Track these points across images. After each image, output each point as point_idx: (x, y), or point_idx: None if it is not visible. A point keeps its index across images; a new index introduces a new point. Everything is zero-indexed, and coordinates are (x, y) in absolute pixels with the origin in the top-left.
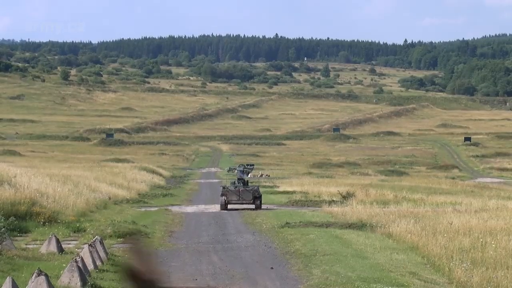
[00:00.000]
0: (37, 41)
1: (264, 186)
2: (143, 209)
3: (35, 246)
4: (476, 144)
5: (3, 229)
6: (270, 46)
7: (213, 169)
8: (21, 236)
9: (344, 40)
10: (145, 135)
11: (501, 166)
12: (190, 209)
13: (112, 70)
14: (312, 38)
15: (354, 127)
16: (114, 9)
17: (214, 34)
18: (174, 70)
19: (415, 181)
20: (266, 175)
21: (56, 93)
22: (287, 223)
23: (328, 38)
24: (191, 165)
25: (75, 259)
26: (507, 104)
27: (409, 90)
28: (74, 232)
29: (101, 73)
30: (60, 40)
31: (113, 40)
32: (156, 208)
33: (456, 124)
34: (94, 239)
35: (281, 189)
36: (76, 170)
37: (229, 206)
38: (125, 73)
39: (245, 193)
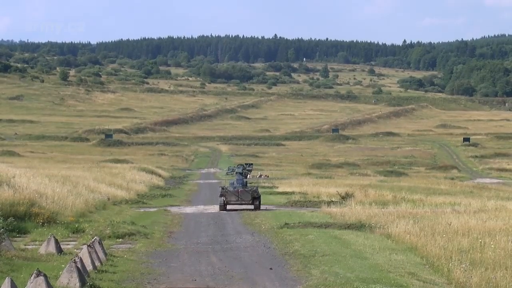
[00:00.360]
0: (36, 41)
1: (263, 187)
2: (142, 210)
3: (34, 246)
4: (475, 145)
5: (2, 229)
6: (269, 47)
7: (212, 170)
8: (20, 236)
9: (343, 40)
10: (144, 136)
11: (500, 167)
12: (189, 209)
13: (111, 70)
14: (311, 38)
15: (353, 128)
16: (113, 10)
17: (213, 35)
18: (173, 70)
19: (414, 182)
20: (265, 175)
21: (55, 94)
22: (286, 223)
23: (327, 38)
24: (190, 165)
25: (74, 260)
26: (506, 104)
27: (408, 90)
28: (73, 232)
29: (100, 73)
30: (59, 41)
31: (112, 41)
32: (155, 209)
33: (455, 124)
34: (93, 239)
35: (280, 189)
36: (75, 171)
37: (228, 207)
38: (124, 74)
39: (244, 193)
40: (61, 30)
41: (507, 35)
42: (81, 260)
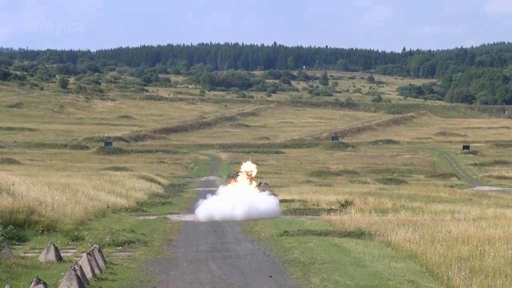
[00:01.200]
0: (35, 49)
1: None
2: (141, 218)
3: (33, 254)
4: (474, 152)
5: (1, 237)
6: (268, 54)
7: (211, 178)
8: (19, 244)
9: (342, 48)
10: (143, 144)
11: (499, 174)
12: (188, 217)
13: (111, 78)
14: (310, 46)
15: (353, 135)
16: (112, 18)
17: (213, 43)
18: (173, 78)
19: (414, 190)
20: (265, 183)
21: (55, 102)
22: (285, 231)
23: (326, 46)
24: (190, 173)
25: (74, 268)
26: (506, 112)
27: (408, 98)
28: (73, 240)
29: (100, 81)
30: (59, 48)
31: (111, 49)
32: (154, 217)
33: (454, 132)
34: (92, 247)
35: (279, 197)
36: (75, 179)
37: None
38: (124, 82)
39: None
40: (61, 30)
41: (506, 43)
42: (80, 268)
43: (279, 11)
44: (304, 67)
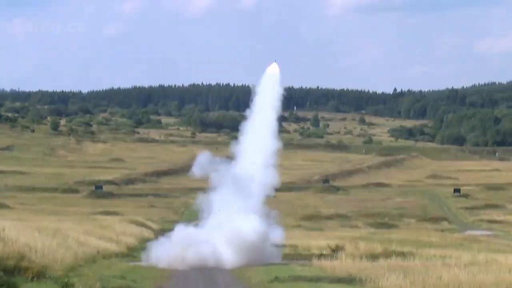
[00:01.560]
0: (27, 90)
1: None
2: (132, 264)
3: None
4: (465, 196)
5: None
6: None
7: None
8: None
9: (333, 89)
10: (134, 187)
11: (490, 218)
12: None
13: (102, 120)
14: (301, 87)
15: (344, 178)
16: (103, 58)
17: (204, 83)
18: (164, 119)
19: (405, 234)
20: None
21: (46, 144)
22: (276, 277)
23: (317, 87)
24: (181, 217)
25: None
26: (497, 154)
27: (399, 140)
28: (62, 287)
29: (91, 123)
30: (50, 89)
31: (103, 89)
32: (145, 263)
33: (445, 175)
34: None
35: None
36: (66, 223)
37: None
38: (115, 123)
39: None
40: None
41: (497, 83)
42: None
43: (270, 52)
44: (295, 108)
